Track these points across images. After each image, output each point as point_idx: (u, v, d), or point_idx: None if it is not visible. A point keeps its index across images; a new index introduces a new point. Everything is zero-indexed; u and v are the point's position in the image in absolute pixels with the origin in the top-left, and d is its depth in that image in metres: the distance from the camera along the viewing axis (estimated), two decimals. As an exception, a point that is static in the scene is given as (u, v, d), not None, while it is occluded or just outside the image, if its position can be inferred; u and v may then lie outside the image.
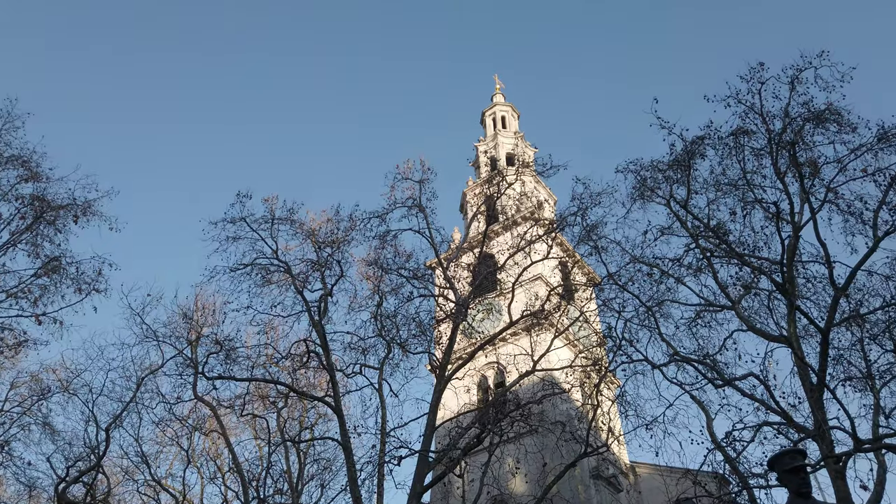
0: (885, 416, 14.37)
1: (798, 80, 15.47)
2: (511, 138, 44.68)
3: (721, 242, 15.65)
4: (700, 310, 16.40)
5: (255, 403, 23.55)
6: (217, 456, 26.21)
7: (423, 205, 21.56)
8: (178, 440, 24.52)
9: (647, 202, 16.96)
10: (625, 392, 16.94)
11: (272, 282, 20.92)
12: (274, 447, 22.71)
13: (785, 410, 14.02)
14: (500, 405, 19.37)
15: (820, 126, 15.29)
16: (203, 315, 23.44)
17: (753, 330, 15.16)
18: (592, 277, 24.96)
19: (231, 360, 20.57)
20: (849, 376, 14.66)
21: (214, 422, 22.75)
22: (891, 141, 14.61)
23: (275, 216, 21.05)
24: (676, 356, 15.88)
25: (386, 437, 18.20)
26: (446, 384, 18.95)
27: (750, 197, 15.67)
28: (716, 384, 15.25)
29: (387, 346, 20.16)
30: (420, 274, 21.37)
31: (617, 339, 16.64)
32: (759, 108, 15.70)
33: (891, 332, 14.48)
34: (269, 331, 23.55)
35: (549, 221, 23.38)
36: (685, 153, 16.24)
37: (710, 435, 14.65)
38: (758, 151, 15.70)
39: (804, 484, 5.92)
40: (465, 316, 20.24)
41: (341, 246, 21.01)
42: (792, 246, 14.78)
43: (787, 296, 14.57)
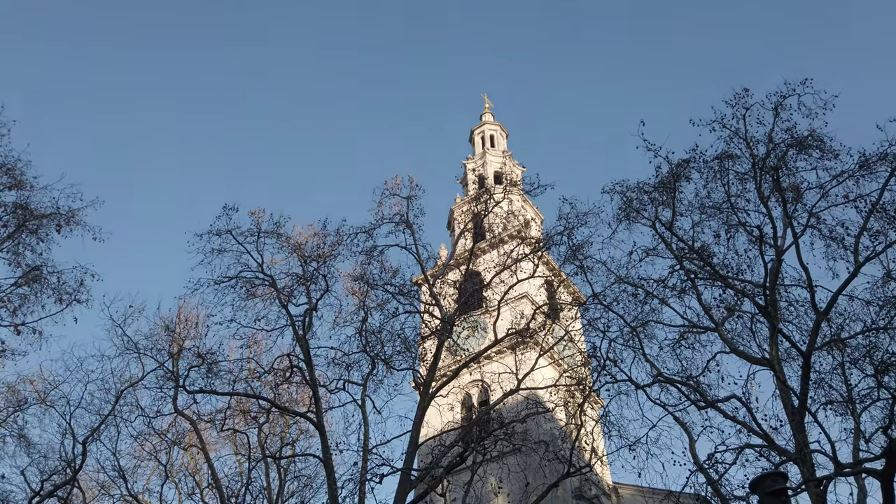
0: (865, 440, 14.49)
1: (782, 107, 15.79)
2: (499, 157, 44.99)
3: (705, 264, 15.80)
4: (684, 331, 16.51)
5: (236, 418, 23.25)
6: (196, 471, 25.82)
7: (411, 221, 21.61)
8: (156, 455, 24.14)
9: (633, 223, 17.13)
10: (608, 412, 16.97)
11: (257, 295, 20.80)
12: (254, 463, 22.41)
13: (767, 433, 14.09)
14: (483, 424, 19.29)
15: (803, 152, 15.58)
16: (185, 328, 23.22)
17: (736, 352, 15.27)
18: (578, 297, 25.06)
19: (213, 374, 20.36)
20: (830, 400, 14.78)
21: (194, 436, 22.42)
22: (871, 168, 14.90)
23: (261, 229, 20.99)
24: (660, 377, 15.94)
25: (368, 454, 18.04)
26: (430, 401, 18.86)
27: (734, 220, 15.88)
28: (699, 406, 15.31)
29: (371, 362, 20.05)
30: (406, 290, 21.32)
31: (601, 358, 16.69)
32: (743, 133, 16.01)
33: (871, 357, 14.63)
34: (252, 345, 23.35)
35: (535, 240, 23.49)
36: (671, 176, 16.45)
37: (692, 457, 14.67)
38: (742, 175, 15.94)
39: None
40: (450, 333, 20.21)
41: (327, 260, 20.96)
42: (775, 269, 14.95)
43: (770, 319, 14.70)
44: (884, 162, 14.70)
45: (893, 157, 14.53)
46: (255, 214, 21.27)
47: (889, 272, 14.23)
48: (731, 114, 16.15)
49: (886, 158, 14.65)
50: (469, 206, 38.63)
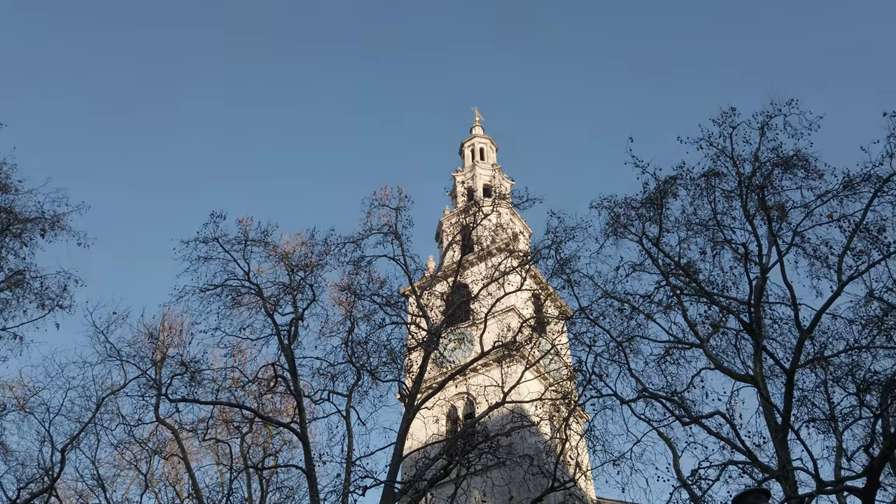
0: (847, 458, 14.59)
1: (768, 126, 16.00)
2: (488, 170, 45.16)
3: (691, 281, 15.91)
4: (669, 347, 16.58)
5: (219, 428, 23.00)
6: (176, 481, 25.48)
7: (399, 232, 21.61)
8: (136, 464, 23.79)
9: (620, 238, 17.23)
10: (593, 427, 16.96)
11: (242, 304, 20.67)
12: (236, 473, 22.16)
13: (750, 450, 14.15)
14: (468, 437, 19.22)
15: (788, 171, 15.77)
16: (169, 335, 22.99)
17: (721, 368, 15.35)
18: (564, 311, 25.11)
19: (196, 383, 20.16)
20: (812, 418, 14.89)
21: (175, 446, 22.14)
22: (855, 189, 15.10)
23: (248, 237, 20.91)
24: (645, 392, 15.98)
25: (351, 466, 17.90)
26: (415, 413, 18.79)
27: (720, 237, 16.01)
28: (683, 421, 15.35)
29: (356, 373, 19.95)
30: (393, 301, 21.28)
31: (587, 373, 16.71)
32: (730, 152, 16.18)
33: (854, 376, 14.76)
34: (236, 354, 23.19)
35: (523, 253, 23.55)
36: (658, 192, 16.59)
37: (676, 472, 14.69)
38: (728, 193, 16.10)
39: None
40: (436, 345, 20.18)
41: (314, 270, 20.89)
42: (759, 287, 15.08)
43: (754, 336, 14.80)
44: (867, 183, 14.91)
45: (877, 178, 14.74)
46: (243, 222, 21.22)
47: (871, 292, 14.40)
48: (719, 132, 16.37)
49: (870, 179, 14.86)
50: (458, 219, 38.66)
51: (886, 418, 13.60)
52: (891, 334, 14.01)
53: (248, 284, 20.55)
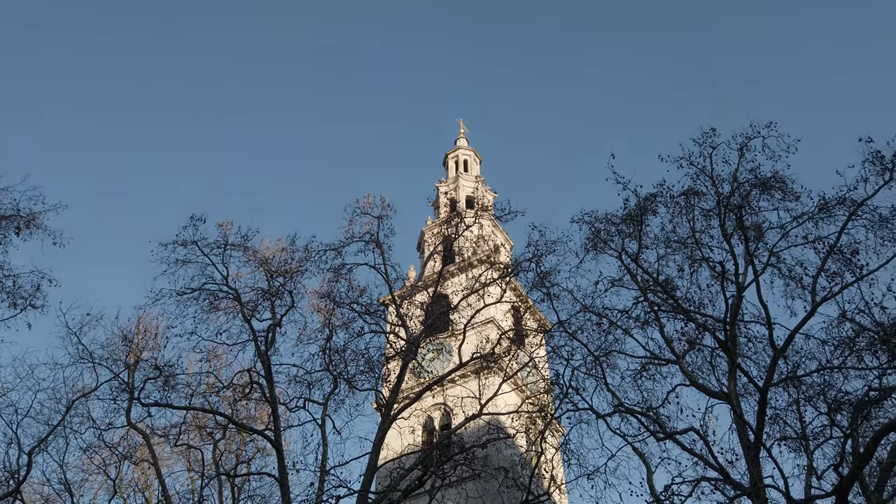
0: (817, 477, 14.77)
1: (747, 148, 16.26)
2: (472, 182, 45.35)
3: (668, 297, 16.05)
4: (645, 362, 16.69)
5: (192, 434, 22.64)
6: (146, 487, 25.03)
7: (381, 241, 21.56)
8: (105, 468, 23.30)
9: (600, 253, 17.35)
10: (569, 440, 16.99)
11: (220, 308, 20.44)
12: (207, 480, 21.84)
13: (723, 467, 14.26)
14: (444, 448, 19.14)
15: (766, 192, 16.03)
16: (144, 338, 22.65)
17: (696, 385, 15.48)
18: (543, 324, 25.18)
19: (169, 387, 19.85)
20: (784, 436, 15.05)
21: (146, 451, 21.77)
22: (831, 211, 15.38)
23: (228, 242, 20.71)
24: (621, 407, 16.06)
25: (325, 475, 17.72)
26: (391, 423, 18.67)
27: (698, 255, 16.18)
28: (658, 437, 15.43)
29: (333, 382, 19.78)
30: (373, 310, 21.18)
31: (564, 386, 16.76)
32: (709, 171, 16.41)
33: (825, 396, 14.97)
34: (212, 359, 22.92)
35: (504, 265, 23.61)
36: (638, 209, 16.75)
37: (649, 488, 14.76)
38: (707, 212, 16.31)
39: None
40: (415, 355, 20.10)
41: (294, 276, 20.73)
42: (735, 305, 15.26)
43: (729, 354, 14.96)
44: (842, 206, 15.19)
45: (851, 202, 15.03)
46: (223, 226, 21.02)
47: (844, 313, 14.63)
48: (699, 152, 16.59)
49: (845, 203, 15.14)
50: (440, 229, 38.80)
51: (856, 438, 13.81)
52: (862, 356, 14.24)
53: (227, 289, 20.35)
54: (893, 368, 13.72)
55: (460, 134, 50.00)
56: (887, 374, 13.91)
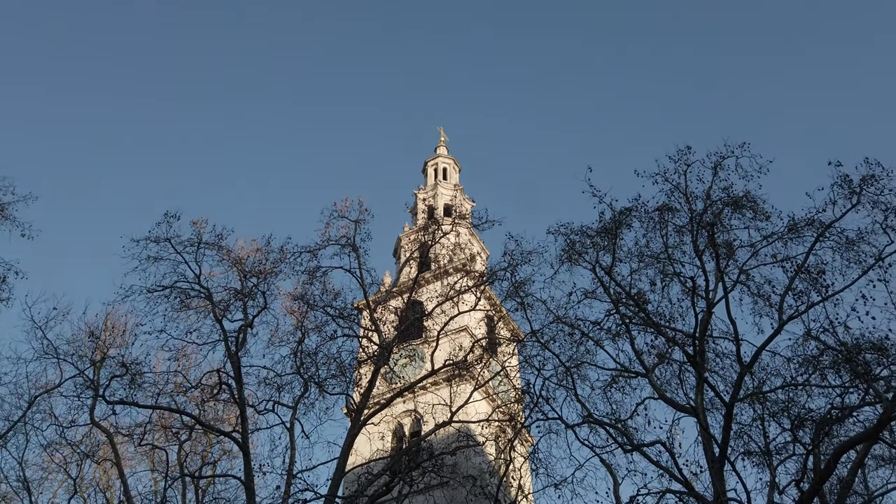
0: (779, 492, 15.03)
1: (721, 167, 16.59)
2: (450, 190, 45.45)
3: (640, 310, 16.25)
4: (616, 375, 16.86)
5: (157, 434, 22.25)
6: (108, 487, 24.51)
7: (357, 245, 21.54)
8: (66, 467, 22.80)
9: (575, 265, 17.51)
10: (538, 450, 17.06)
11: (190, 307, 20.21)
12: (171, 481, 21.47)
13: (687, 479, 14.44)
14: (413, 454, 19.09)
15: (737, 211, 16.35)
16: (111, 335, 22.30)
17: (664, 399, 15.67)
18: (516, 333, 25.28)
19: (136, 386, 19.53)
20: (748, 451, 15.30)
21: (109, 450, 21.34)
22: (799, 232, 15.74)
23: (202, 240, 20.52)
24: (590, 418, 16.19)
25: (292, 478, 17.55)
26: (361, 428, 18.58)
27: (670, 270, 16.42)
28: (625, 449, 15.59)
29: (304, 385, 19.64)
30: (346, 314, 21.10)
31: (534, 395, 16.85)
32: (683, 188, 16.70)
33: (789, 412, 15.26)
34: (181, 358, 22.61)
35: (479, 274, 23.70)
36: (613, 222, 16.96)
37: (615, 499, 14.88)
38: (680, 228, 16.58)
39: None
40: (387, 360, 20.03)
41: (268, 277, 20.59)
42: (705, 321, 15.50)
43: (697, 368, 15.18)
44: (811, 227, 15.55)
45: (820, 223, 15.40)
46: (197, 224, 20.83)
47: (809, 331, 14.94)
48: (674, 168, 16.88)
49: (813, 224, 15.51)
50: (417, 236, 38.79)
51: (818, 455, 14.10)
52: (825, 374, 14.55)
53: (198, 288, 20.13)
54: (855, 387, 14.03)
55: (440, 142, 50.14)
56: (849, 393, 14.23)
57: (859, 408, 13.96)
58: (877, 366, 13.89)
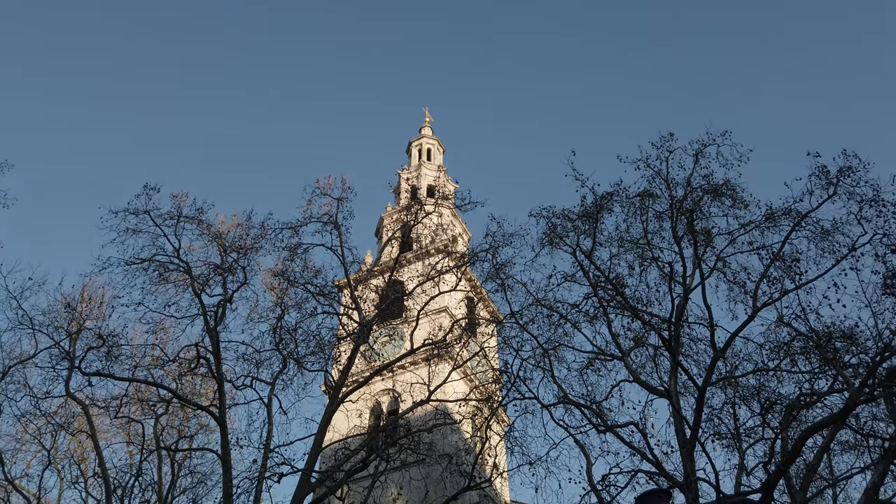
0: (746, 473, 15.40)
1: (702, 154, 16.72)
2: (434, 171, 45.38)
3: (618, 294, 16.44)
4: (592, 357, 17.08)
5: (133, 407, 22.17)
6: (82, 459, 24.41)
7: (339, 222, 21.47)
8: (40, 438, 22.68)
9: (555, 249, 17.63)
10: (513, 429, 17.29)
11: (169, 281, 20.04)
12: (147, 454, 21.43)
13: (658, 460, 14.74)
14: (390, 431, 19.25)
15: (717, 199, 16.54)
16: (88, 307, 22.06)
17: (639, 381, 15.92)
18: (495, 315, 25.46)
19: (112, 358, 19.41)
20: (718, 432, 15.63)
21: (84, 422, 21.26)
22: (776, 221, 15.98)
23: (182, 214, 20.31)
24: (566, 399, 16.42)
25: (269, 453, 17.63)
26: (339, 405, 18.67)
27: (648, 255, 16.60)
28: (599, 429, 15.86)
29: (282, 361, 19.65)
30: (327, 291, 21.07)
31: (512, 376, 17.03)
32: (665, 175, 16.83)
33: (759, 397, 15.59)
34: (158, 331, 22.45)
35: (460, 255, 23.77)
36: (595, 207, 17.08)
37: (588, 478, 15.16)
38: (660, 214, 16.74)
39: (666, 523, 6.32)
40: (366, 338, 20.10)
41: (248, 253, 20.47)
42: (681, 306, 15.72)
43: (672, 352, 15.42)
44: (788, 217, 15.80)
45: (797, 213, 15.65)
46: (177, 198, 20.61)
47: (782, 317, 15.24)
48: (656, 155, 16.99)
49: (790, 214, 15.76)
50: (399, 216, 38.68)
51: (785, 439, 14.45)
52: (796, 360, 14.87)
53: (177, 261, 19.96)
54: (824, 374, 14.36)
55: (425, 122, 49.94)
56: (818, 379, 14.56)
57: (828, 394, 14.28)
58: (846, 354, 14.22)
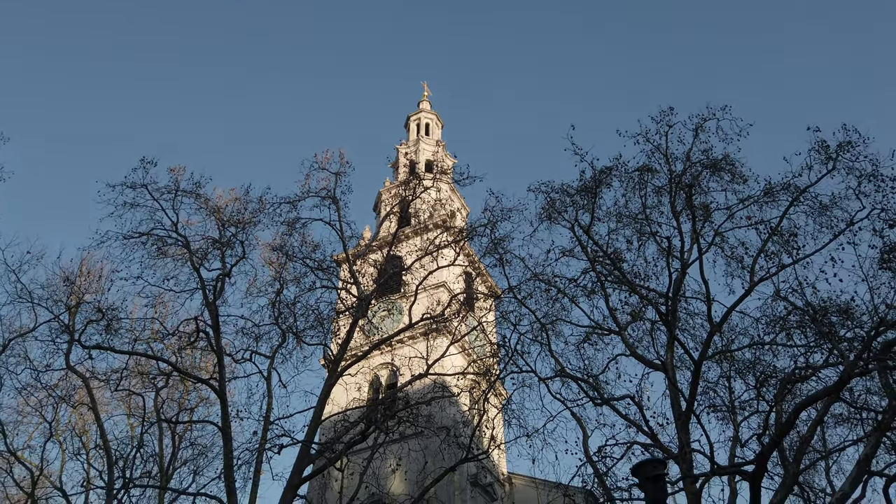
0: (741, 446, 15.62)
1: (702, 129, 16.64)
2: (432, 146, 45.16)
3: (615, 269, 16.48)
4: (589, 332, 17.19)
5: (133, 380, 22.35)
6: (84, 432, 24.66)
7: (337, 197, 21.41)
8: (41, 410, 22.89)
9: (554, 224, 17.63)
10: (511, 401, 17.45)
11: (168, 255, 20.04)
12: (148, 426, 21.64)
13: (654, 432, 14.93)
14: (389, 404, 19.42)
15: (716, 174, 16.50)
16: (87, 281, 22.11)
17: (636, 356, 16.05)
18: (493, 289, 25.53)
19: (112, 332, 19.46)
20: (713, 404, 15.81)
21: (85, 394, 21.43)
22: (775, 196, 15.96)
23: (179, 188, 20.23)
24: (563, 372, 16.55)
25: (269, 425, 17.81)
26: (338, 378, 18.80)
27: (646, 230, 16.61)
28: (595, 402, 16.02)
29: (281, 335, 19.74)
30: (325, 266, 21.09)
31: (509, 350, 17.14)
32: (664, 149, 16.76)
33: (755, 371, 15.73)
34: (157, 305, 22.55)
35: (458, 229, 23.76)
36: (593, 181, 17.04)
37: (584, 450, 15.35)
38: (658, 189, 16.71)
39: (661, 491, 6.43)
40: (365, 312, 20.17)
41: (246, 227, 20.44)
42: (678, 281, 15.79)
43: (669, 327, 15.51)
44: (786, 192, 15.79)
45: (795, 188, 15.63)
46: (175, 171, 20.51)
47: (778, 291, 15.30)
48: (656, 129, 16.92)
49: (789, 189, 15.74)
50: (397, 190, 38.67)
51: (780, 412, 14.62)
52: (791, 333, 14.97)
53: (176, 236, 19.93)
54: (819, 347, 14.47)
55: (423, 97, 49.57)
56: (813, 352, 14.67)
57: (823, 367, 14.39)
58: (841, 328, 14.31)
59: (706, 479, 13.80)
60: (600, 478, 14.35)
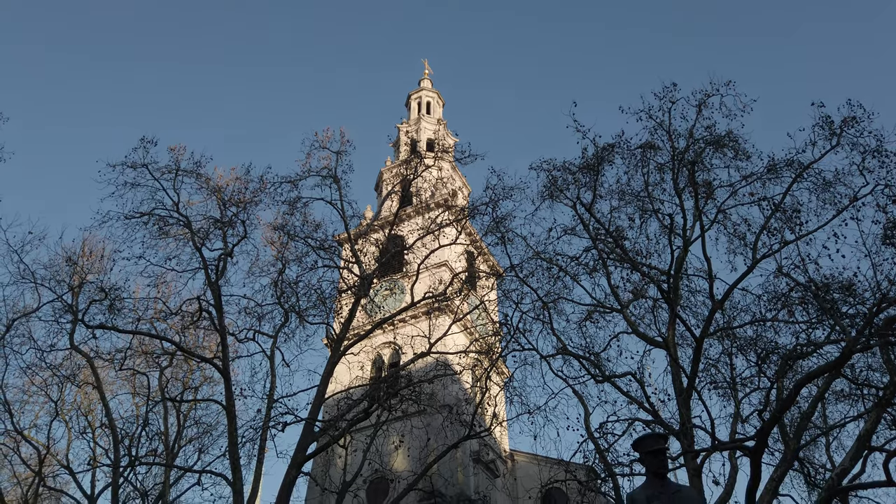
0: (742, 422, 15.70)
1: (705, 105, 16.46)
2: (434, 124, 44.92)
3: (617, 246, 16.44)
4: (591, 310, 17.21)
5: (137, 359, 22.45)
6: (89, 411, 24.89)
7: (339, 176, 21.34)
8: (46, 390, 23.07)
9: (556, 202, 17.56)
10: (513, 379, 17.53)
11: (169, 235, 20.03)
12: (153, 405, 21.82)
13: (655, 409, 15.01)
14: (392, 382, 19.54)
15: (719, 150, 16.36)
16: (89, 261, 22.13)
17: (637, 333, 16.08)
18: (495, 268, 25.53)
19: (115, 311, 19.53)
20: (714, 381, 15.87)
21: (89, 374, 21.58)
22: (778, 173, 15.85)
23: (180, 167, 20.17)
24: (564, 350, 16.60)
25: (273, 403, 17.94)
26: (340, 357, 18.89)
27: (649, 207, 16.54)
28: (597, 379, 16.09)
29: (284, 315, 19.81)
30: (327, 245, 21.07)
31: (511, 328, 17.18)
32: (667, 126, 16.60)
33: (756, 347, 15.75)
34: (160, 285, 22.57)
35: (460, 208, 23.70)
36: (595, 159, 16.92)
37: (586, 426, 15.45)
38: (661, 166, 16.60)
39: (662, 465, 6.46)
40: (367, 291, 20.21)
41: (248, 207, 20.41)
42: (681, 258, 15.75)
43: (671, 304, 15.52)
44: (790, 168, 15.66)
45: (799, 164, 15.51)
46: (175, 151, 20.43)
47: (780, 268, 15.27)
48: (659, 106, 16.73)
49: (792, 165, 15.62)
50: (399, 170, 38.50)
51: (781, 389, 14.67)
52: (793, 310, 14.96)
53: (177, 215, 19.92)
54: (821, 323, 14.47)
55: (424, 75, 49.21)
56: (815, 329, 14.67)
57: (825, 344, 14.40)
58: (843, 304, 14.29)
59: (707, 455, 13.89)
60: (601, 454, 14.46)
